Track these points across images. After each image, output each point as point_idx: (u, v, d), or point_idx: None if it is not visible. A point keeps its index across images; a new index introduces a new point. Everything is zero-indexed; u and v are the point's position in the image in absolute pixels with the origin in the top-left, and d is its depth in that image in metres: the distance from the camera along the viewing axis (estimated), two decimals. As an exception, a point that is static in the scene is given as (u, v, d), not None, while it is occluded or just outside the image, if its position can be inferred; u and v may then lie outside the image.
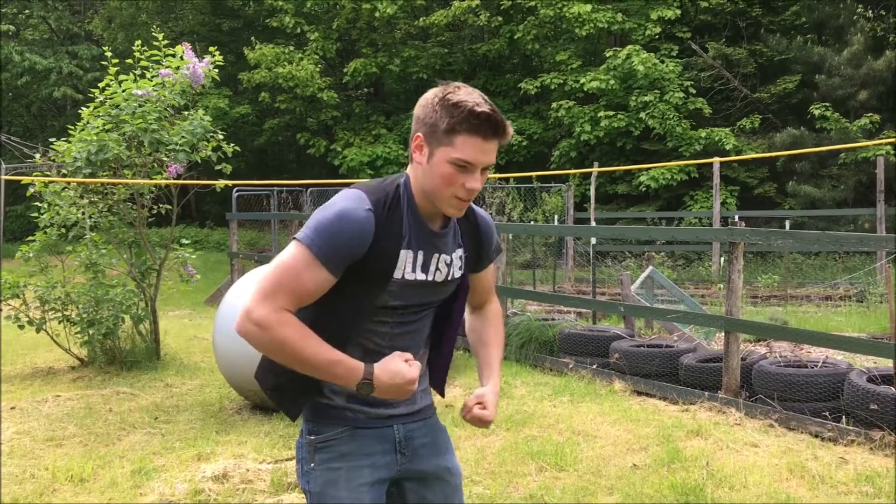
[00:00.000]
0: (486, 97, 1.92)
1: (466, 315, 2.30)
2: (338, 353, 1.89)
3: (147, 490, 4.23)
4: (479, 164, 1.92)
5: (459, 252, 2.09)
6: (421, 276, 2.00)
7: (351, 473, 2.00)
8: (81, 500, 4.11)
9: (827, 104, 16.75)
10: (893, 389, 4.90)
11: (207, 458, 4.68)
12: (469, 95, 1.89)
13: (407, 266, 1.97)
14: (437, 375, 2.22)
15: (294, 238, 1.90)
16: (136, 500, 4.09)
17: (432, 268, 2.02)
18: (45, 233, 7.39)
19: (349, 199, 1.93)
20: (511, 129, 1.95)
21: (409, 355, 1.97)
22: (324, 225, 1.88)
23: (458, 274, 2.09)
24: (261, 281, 1.89)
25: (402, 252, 1.95)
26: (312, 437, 2.03)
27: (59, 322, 7.46)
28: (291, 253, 1.89)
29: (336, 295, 1.94)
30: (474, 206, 2.14)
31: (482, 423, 2.09)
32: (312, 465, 2.02)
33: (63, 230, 7.45)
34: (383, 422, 2.06)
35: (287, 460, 4.59)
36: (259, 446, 4.88)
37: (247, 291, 1.87)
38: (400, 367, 1.93)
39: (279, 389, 2.05)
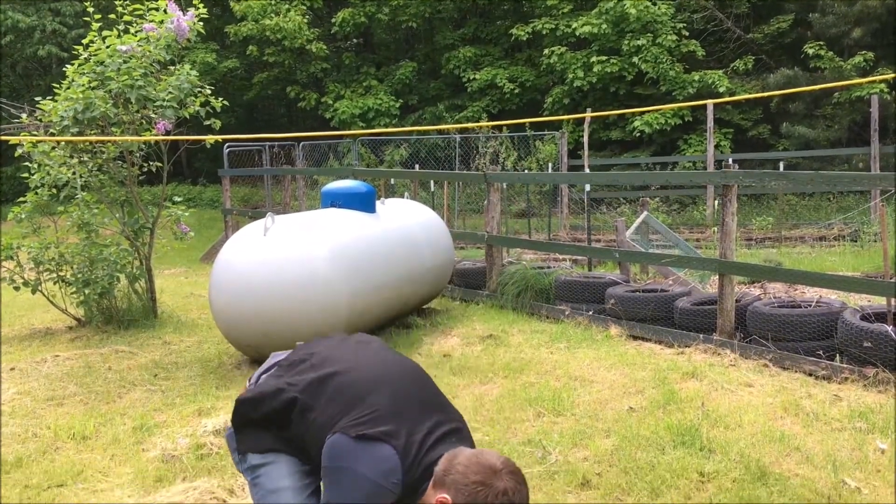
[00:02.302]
0: (524, 494, 1.97)
1: None
2: None
3: (149, 445, 4.28)
4: None
5: None
6: None
7: (290, 460, 2.39)
8: (84, 456, 4.15)
9: (821, 43, 16.57)
10: (887, 327, 4.94)
11: (208, 413, 4.72)
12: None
13: None
14: None
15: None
16: (139, 456, 4.13)
17: None
18: (37, 193, 7.34)
19: (384, 486, 2.06)
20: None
21: None
22: (374, 478, 2.04)
23: None
24: None
25: None
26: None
27: (55, 283, 7.45)
28: None
29: None
30: None
31: None
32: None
33: (54, 190, 7.40)
34: None
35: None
36: (259, 400, 4.91)
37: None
38: None
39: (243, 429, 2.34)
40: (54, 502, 3.58)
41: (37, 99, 7.45)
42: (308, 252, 5.58)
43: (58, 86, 7.25)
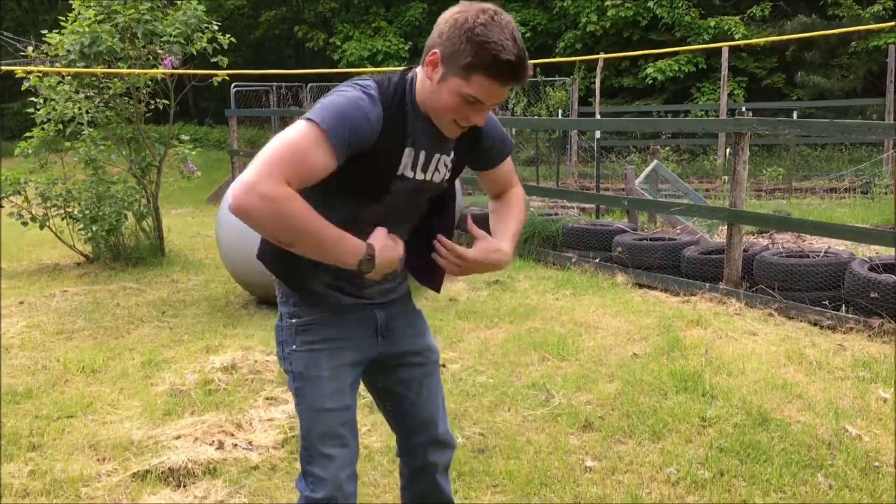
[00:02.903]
0: (517, 35, 1.81)
1: (490, 204, 2.29)
2: (340, 230, 1.83)
3: (158, 380, 4.33)
4: (490, 104, 1.85)
5: (454, 158, 2.05)
6: (420, 177, 1.96)
7: (332, 353, 2.03)
8: (94, 389, 4.21)
9: (840, -10, 16.22)
10: (894, 277, 4.92)
11: (216, 351, 4.77)
12: (500, 34, 1.77)
13: (410, 165, 1.93)
14: (432, 271, 2.14)
15: (302, 118, 1.80)
16: (148, 390, 4.18)
17: (431, 168, 1.98)
18: (43, 129, 7.30)
19: (360, 88, 1.86)
20: (531, 70, 1.86)
21: (392, 240, 1.95)
22: (336, 106, 1.80)
23: (449, 175, 2.06)
24: (264, 155, 1.74)
25: (407, 149, 1.91)
26: (294, 321, 2.05)
27: (62, 219, 7.47)
28: (300, 130, 1.77)
29: (334, 192, 1.90)
30: None
31: (459, 261, 2.01)
32: (294, 346, 2.05)
33: (60, 126, 7.36)
34: (363, 307, 2.08)
35: (293, 351, 4.67)
36: (266, 339, 4.95)
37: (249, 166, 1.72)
38: (389, 242, 1.92)
39: (284, 272, 2.05)
40: (64, 433, 3.64)
41: (43, 32, 7.36)
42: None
43: (64, 19, 7.15)
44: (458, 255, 2.00)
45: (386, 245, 1.91)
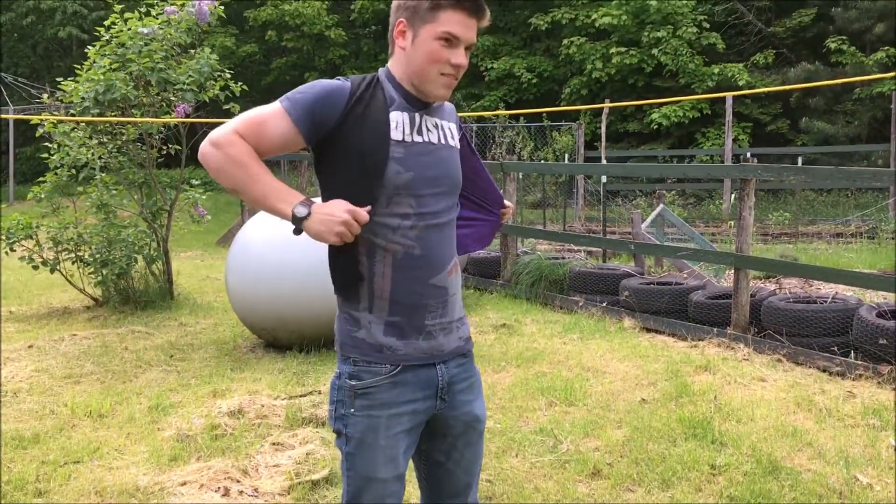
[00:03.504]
0: None
1: None
2: (281, 183, 1.93)
3: (165, 425, 4.32)
4: (464, 39, 1.94)
5: (450, 124, 2.10)
6: (418, 138, 1.98)
7: (391, 421, 1.98)
8: (100, 434, 4.20)
9: (843, 38, 16.42)
10: (903, 324, 4.91)
11: (223, 395, 4.77)
12: None
13: (405, 127, 1.96)
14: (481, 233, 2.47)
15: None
16: (155, 435, 4.18)
17: (424, 129, 2.00)
18: (56, 174, 7.41)
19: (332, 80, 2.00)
20: (488, 12, 1.97)
21: (347, 204, 1.90)
22: (299, 87, 1.96)
23: (453, 140, 2.08)
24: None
25: (393, 113, 1.96)
26: (353, 383, 1.99)
27: (73, 263, 7.53)
28: (265, 105, 1.96)
29: (343, 181, 1.93)
30: None
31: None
32: (353, 410, 1.99)
33: (73, 171, 7.47)
34: (425, 359, 2.02)
35: (301, 396, 4.67)
36: (273, 383, 4.96)
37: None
38: (336, 212, 1.87)
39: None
40: (70, 479, 3.64)
41: (58, 79, 7.50)
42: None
43: (79, 67, 7.30)
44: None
45: (330, 211, 1.87)
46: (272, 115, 1.92)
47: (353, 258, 1.98)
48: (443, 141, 2.04)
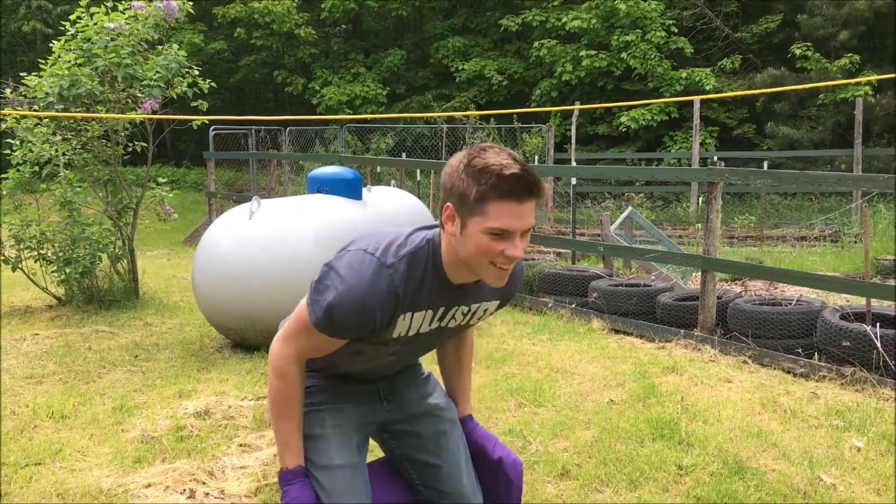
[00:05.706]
0: (515, 156, 1.78)
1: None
2: (297, 438, 2.00)
3: (129, 426, 4.26)
4: (517, 229, 1.76)
5: (489, 304, 2.07)
6: (434, 326, 2.00)
7: (334, 412, 2.09)
8: (63, 435, 4.13)
9: (808, 44, 16.68)
10: (866, 326, 5.00)
11: (189, 396, 4.70)
12: (496, 157, 1.74)
13: (423, 323, 1.96)
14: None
15: (319, 308, 1.86)
16: (119, 436, 4.11)
17: (448, 318, 2.00)
18: (18, 170, 7.26)
19: (374, 281, 1.83)
20: (546, 186, 1.89)
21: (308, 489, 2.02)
22: (336, 310, 1.83)
23: (474, 319, 2.09)
24: (289, 321, 2.02)
25: (419, 313, 1.92)
26: None
27: (35, 261, 7.38)
28: (304, 316, 1.93)
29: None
30: None
31: None
32: None
33: (36, 168, 7.33)
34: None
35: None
36: (240, 383, 4.90)
37: (285, 322, 2.11)
38: (304, 497, 1.99)
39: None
40: (31, 480, 3.56)
41: (21, 74, 7.36)
42: (294, 237, 5.56)
43: (43, 62, 7.16)
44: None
45: (300, 496, 1.98)
46: (315, 335, 1.93)
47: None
48: (452, 324, 2.04)
